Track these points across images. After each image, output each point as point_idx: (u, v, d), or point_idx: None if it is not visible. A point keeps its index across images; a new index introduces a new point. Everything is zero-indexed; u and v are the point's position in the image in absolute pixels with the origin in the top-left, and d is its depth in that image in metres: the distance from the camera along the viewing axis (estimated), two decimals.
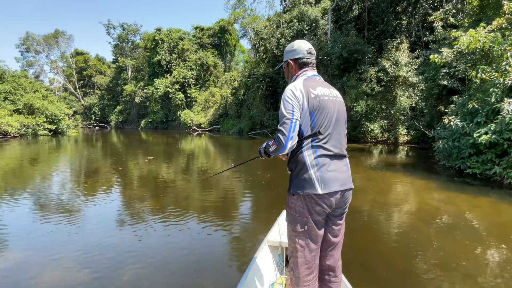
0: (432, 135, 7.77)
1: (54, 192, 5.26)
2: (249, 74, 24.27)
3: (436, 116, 10.62)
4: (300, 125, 1.33)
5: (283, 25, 20.17)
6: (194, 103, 32.11)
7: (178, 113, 31.96)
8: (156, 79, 33.39)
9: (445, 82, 9.07)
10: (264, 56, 22.99)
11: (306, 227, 1.34)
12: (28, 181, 6.32)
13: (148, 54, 35.83)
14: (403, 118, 14.21)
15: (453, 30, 8.81)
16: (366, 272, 2.46)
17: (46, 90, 28.34)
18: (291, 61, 1.49)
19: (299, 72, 1.46)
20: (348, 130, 15.05)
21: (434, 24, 12.97)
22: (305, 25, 19.11)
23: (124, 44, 44.51)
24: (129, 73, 42.61)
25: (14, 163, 8.99)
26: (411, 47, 15.28)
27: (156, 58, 33.62)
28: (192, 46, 33.71)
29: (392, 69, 14.13)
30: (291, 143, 1.29)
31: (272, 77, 22.34)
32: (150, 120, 34.89)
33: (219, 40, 34.46)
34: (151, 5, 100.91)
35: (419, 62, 13.78)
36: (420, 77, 11.66)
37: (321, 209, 1.32)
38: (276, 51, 20.20)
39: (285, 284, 1.80)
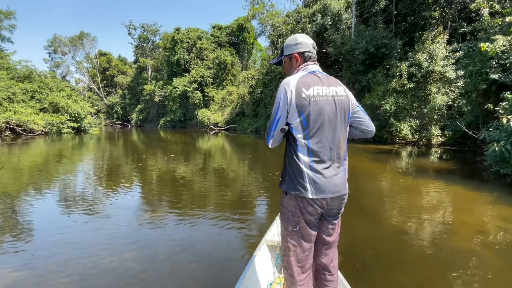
0: (482, 137, 6.72)
1: (78, 187, 5.45)
2: (266, 71, 23.62)
3: (482, 115, 9.40)
4: (290, 124, 1.32)
5: (304, 20, 19.28)
6: (211, 102, 31.99)
7: (196, 112, 31.98)
8: (175, 79, 33.63)
9: (496, 76, 7.89)
10: None
11: (298, 226, 1.34)
12: (54, 176, 6.57)
13: (167, 53, 36.20)
14: (437, 117, 12.94)
15: (503, 18, 7.65)
16: None
17: (71, 90, 29.31)
18: (296, 54, 1.42)
19: (302, 66, 1.40)
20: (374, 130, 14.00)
21: (481, 11, 11.62)
22: (328, 19, 18.11)
23: (145, 44, 45.40)
24: (149, 72, 43.40)
25: (40, 159, 9.33)
26: (447, 40, 13.91)
27: (174, 57, 33.84)
28: (210, 45, 33.60)
29: (426, 63, 12.87)
30: (272, 140, 1.36)
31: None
32: (168, 119, 35.23)
33: (237, 38, 34.10)
34: (171, 5, 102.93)
35: (459, 56, 12.43)
36: (461, 71, 10.42)
37: (313, 209, 1.31)
38: None
39: (283, 284, 1.77)
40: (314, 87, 1.28)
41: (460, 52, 12.52)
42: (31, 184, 5.68)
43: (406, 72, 13.36)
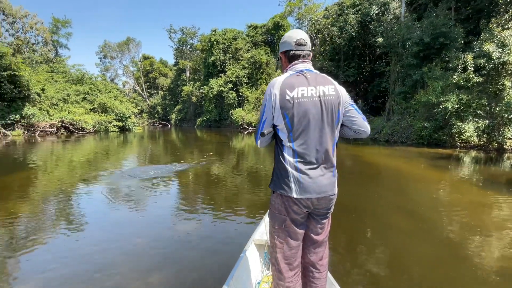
0: None
1: (123, 182, 5.72)
2: None
3: None
4: (276, 126, 1.33)
5: (347, 11, 17.91)
6: (245, 101, 31.88)
7: (230, 112, 32.17)
8: (211, 79, 34.24)
9: None
10: (321, 49, 21.03)
11: (284, 224, 1.36)
12: (102, 171, 7.10)
13: (204, 55, 37.04)
14: None
15: None
16: None
17: (118, 91, 31.53)
18: (281, 55, 1.43)
19: (289, 66, 1.38)
20: (430, 131, 12.29)
21: None
22: (375, 8, 16.52)
23: (184, 47, 47.21)
24: (188, 74, 44.98)
25: (91, 155, 10.23)
26: None
27: (211, 58, 34.47)
28: (245, 44, 33.55)
29: (498, 54, 10.83)
30: (260, 141, 1.39)
31: (330, 71, 20.25)
32: (204, 118, 36.03)
33: (272, 37, 33.53)
34: (209, 7, 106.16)
35: None
36: None
37: (299, 208, 1.32)
38: (339, 40, 18.07)
39: (271, 282, 1.77)
40: (299, 88, 1.26)
41: None
42: (82, 177, 6.19)
43: (472, 65, 11.42)
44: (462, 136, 11.52)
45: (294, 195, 1.27)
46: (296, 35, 1.36)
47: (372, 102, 19.57)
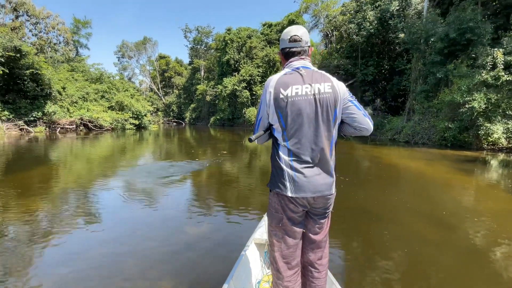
0: None
1: (138, 179, 5.77)
2: (319, 67, 22.12)
3: None
4: (272, 125, 1.33)
5: (365, 7, 17.32)
6: (259, 100, 31.62)
7: (243, 111, 32.13)
8: (225, 78, 34.32)
9: None
10: (338, 46, 20.49)
11: (281, 223, 1.35)
12: (119, 167, 7.34)
13: (218, 54, 37.18)
14: None
15: None
16: None
17: (135, 90, 32.25)
18: (279, 53, 1.44)
19: (287, 63, 1.36)
20: (454, 132, 11.63)
21: None
22: (396, 4, 15.86)
23: (198, 46, 47.64)
24: (202, 73, 45.36)
25: (109, 151, 10.62)
26: None
27: (225, 57, 34.55)
28: (259, 43, 33.34)
29: None
30: (257, 139, 1.37)
31: (347, 69, 19.68)
32: (218, 117, 36.20)
33: None
34: (224, 5, 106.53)
35: None
36: None
37: (295, 207, 1.31)
38: (357, 37, 17.50)
39: (272, 281, 1.65)
40: (293, 87, 1.25)
41: None
42: (100, 174, 6.37)
43: (502, 62, 10.67)
44: (489, 138, 10.81)
45: (289, 194, 1.27)
46: (290, 32, 1.34)
47: (391, 101, 18.83)
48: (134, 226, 3.34)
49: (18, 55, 16.26)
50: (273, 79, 1.30)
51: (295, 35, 1.32)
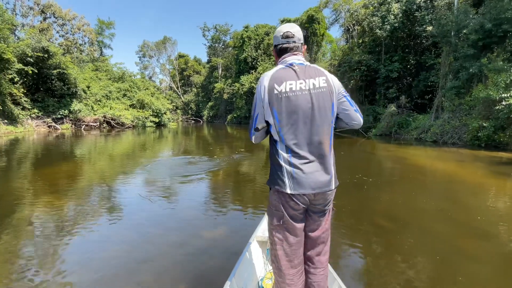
0: None
1: (157, 176, 5.95)
2: (339, 63, 21.37)
3: None
4: (268, 121, 1.31)
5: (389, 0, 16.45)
6: None
7: None
8: (242, 76, 34.27)
9: None
10: (360, 41, 19.67)
11: (282, 221, 1.34)
12: (140, 163, 7.53)
13: (236, 52, 37.18)
14: None
15: None
16: None
17: (155, 88, 33.04)
18: (273, 50, 1.46)
19: (280, 60, 1.38)
20: (489, 131, 10.73)
21: None
22: None
23: (216, 44, 47.94)
24: (220, 71, 45.64)
25: (130, 148, 11.03)
26: None
27: (242, 55, 34.47)
28: None
29: None
30: (254, 137, 1.37)
31: (370, 65, 18.84)
32: (235, 115, 36.29)
33: (306, 30, 32.32)
34: (242, 3, 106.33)
35: None
36: None
37: (295, 204, 1.29)
38: (380, 32, 16.66)
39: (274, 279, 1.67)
40: (287, 82, 1.24)
41: None
42: (122, 170, 6.61)
43: None
44: None
45: (289, 191, 1.26)
46: (283, 29, 1.36)
47: (417, 98, 17.77)
48: (149, 230, 3.24)
49: (46, 55, 17.07)
50: (267, 74, 1.29)
51: (287, 32, 1.34)
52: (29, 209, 3.73)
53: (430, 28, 14.41)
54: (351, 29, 21.58)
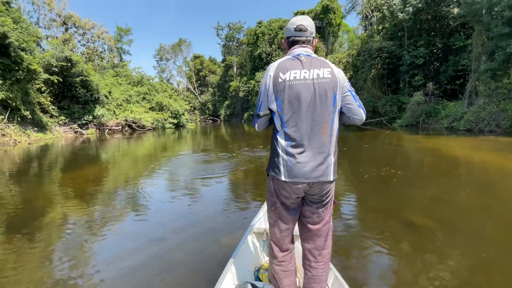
0: None
1: (180, 173, 6.21)
2: (358, 52, 20.40)
3: None
4: (271, 109, 1.34)
5: None
6: None
7: None
8: (257, 73, 33.98)
9: None
10: (380, 27, 18.64)
11: (274, 207, 1.38)
12: (162, 163, 7.65)
13: (250, 49, 36.94)
14: None
15: None
16: None
17: (172, 90, 33.67)
18: (283, 41, 1.48)
19: (289, 51, 1.41)
20: None
21: None
22: None
23: (230, 43, 47.96)
24: (235, 69, 45.67)
25: (152, 149, 11.33)
26: None
27: (256, 52, 34.17)
28: None
29: None
30: (258, 124, 1.41)
31: (391, 52, 17.81)
32: (251, 113, 36.12)
33: (321, 21, 31.43)
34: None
35: None
36: None
37: (288, 193, 1.32)
38: (402, 15, 15.64)
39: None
40: (291, 71, 1.27)
41: None
42: (145, 171, 6.72)
43: None
44: None
45: (283, 178, 1.28)
46: (297, 21, 1.37)
47: (446, 84, 16.48)
48: (165, 235, 3.10)
49: (70, 64, 17.81)
50: (274, 64, 1.32)
51: (301, 25, 1.35)
52: (60, 211, 3.83)
53: (456, 10, 13.26)
54: (369, 16, 20.51)
